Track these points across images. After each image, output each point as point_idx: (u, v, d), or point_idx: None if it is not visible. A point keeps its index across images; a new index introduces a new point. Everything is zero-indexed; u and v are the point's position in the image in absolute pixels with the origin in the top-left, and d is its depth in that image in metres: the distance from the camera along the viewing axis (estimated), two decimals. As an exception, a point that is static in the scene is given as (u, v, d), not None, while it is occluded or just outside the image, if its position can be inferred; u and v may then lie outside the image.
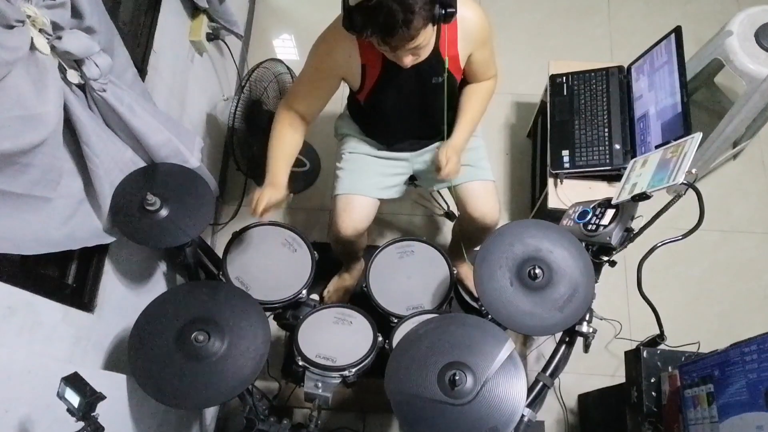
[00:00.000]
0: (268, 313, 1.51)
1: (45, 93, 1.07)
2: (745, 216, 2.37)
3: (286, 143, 1.50)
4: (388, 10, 1.10)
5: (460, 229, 1.92)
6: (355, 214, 1.65)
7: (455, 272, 1.65)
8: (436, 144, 1.70)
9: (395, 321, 1.56)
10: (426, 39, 1.22)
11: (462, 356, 1.17)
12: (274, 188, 1.43)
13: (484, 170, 1.69)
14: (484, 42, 1.44)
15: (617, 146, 1.83)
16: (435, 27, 1.25)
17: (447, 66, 1.40)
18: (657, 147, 1.57)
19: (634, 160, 1.36)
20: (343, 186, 1.68)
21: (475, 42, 1.42)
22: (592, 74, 1.98)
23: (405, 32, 1.13)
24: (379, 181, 1.71)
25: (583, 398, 2.06)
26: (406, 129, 1.66)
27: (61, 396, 0.96)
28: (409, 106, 1.54)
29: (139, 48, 1.65)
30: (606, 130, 1.87)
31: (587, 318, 1.31)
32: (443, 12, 1.18)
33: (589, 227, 1.32)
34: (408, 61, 1.27)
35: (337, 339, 1.52)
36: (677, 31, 1.74)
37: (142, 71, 1.63)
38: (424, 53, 1.31)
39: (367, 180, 1.69)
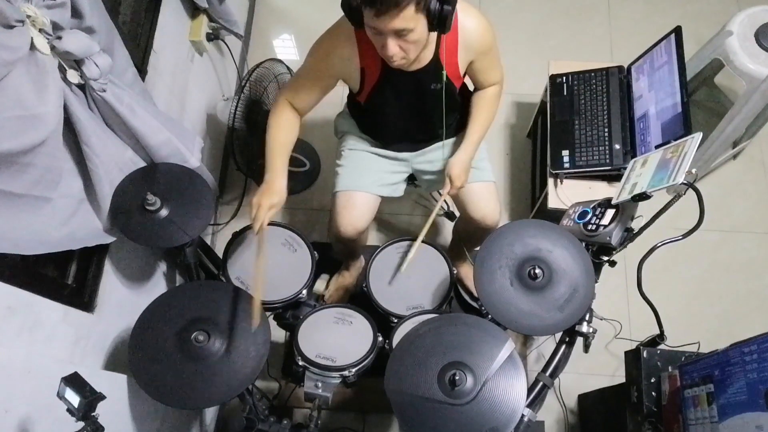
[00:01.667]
0: (268, 313, 1.51)
1: (45, 93, 1.07)
2: (745, 216, 2.37)
3: (283, 137, 1.48)
4: None
5: (461, 230, 1.92)
6: (355, 211, 1.65)
7: (455, 272, 1.65)
8: (436, 145, 1.70)
9: (395, 321, 1.56)
10: (416, 33, 1.18)
11: (462, 356, 1.17)
12: (272, 193, 1.39)
13: (484, 171, 1.68)
14: (485, 51, 1.42)
15: (617, 146, 1.83)
16: (431, 32, 1.22)
17: (445, 73, 1.39)
18: (657, 147, 1.57)
19: (634, 160, 1.36)
20: (343, 183, 1.67)
21: (475, 51, 1.41)
22: (592, 74, 1.98)
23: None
24: (380, 178, 1.70)
25: (583, 398, 2.06)
26: (405, 132, 1.66)
27: (61, 396, 0.96)
28: (408, 110, 1.54)
29: (139, 48, 1.65)
30: (606, 130, 1.87)
31: (587, 318, 1.31)
32: (439, 8, 1.15)
33: (589, 227, 1.32)
34: (393, 50, 1.21)
35: (337, 339, 1.52)
36: (677, 31, 1.74)
37: (142, 71, 1.63)
38: (413, 54, 1.26)
39: (368, 176, 1.68)
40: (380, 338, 1.53)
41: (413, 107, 1.52)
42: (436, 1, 1.15)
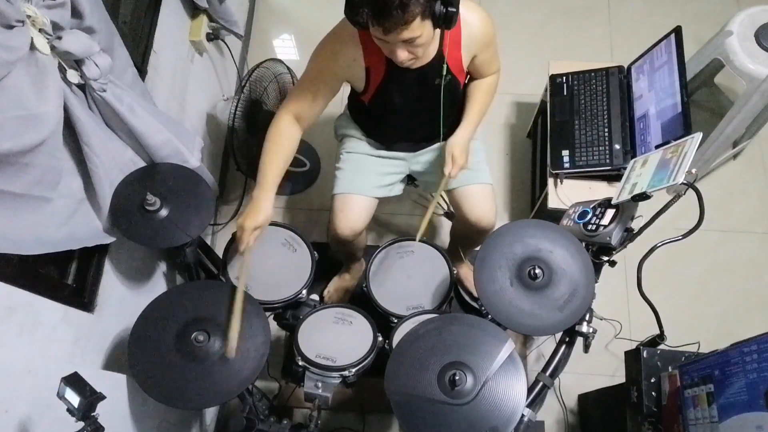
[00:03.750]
0: (268, 313, 1.51)
1: (45, 93, 1.07)
2: (745, 216, 2.37)
3: (278, 152, 1.43)
4: None
5: (458, 231, 1.91)
6: (352, 213, 1.65)
7: (455, 272, 1.65)
8: (435, 146, 1.70)
9: (395, 321, 1.56)
10: (424, 37, 1.19)
11: (462, 356, 1.17)
12: (257, 213, 1.35)
13: (481, 173, 1.68)
14: (487, 44, 1.44)
15: (617, 146, 1.83)
16: (435, 29, 1.23)
17: (448, 68, 1.39)
18: (657, 147, 1.57)
19: (634, 160, 1.36)
20: (341, 185, 1.68)
21: (478, 45, 1.42)
22: (592, 74, 1.98)
23: (399, 15, 1.11)
24: (377, 180, 1.71)
25: (583, 398, 2.06)
26: (409, 130, 1.66)
27: (61, 396, 0.96)
28: (413, 107, 1.53)
29: (139, 48, 1.65)
30: (606, 130, 1.87)
31: (587, 318, 1.31)
32: (444, 11, 1.17)
33: (589, 227, 1.32)
34: (403, 56, 1.23)
35: (337, 339, 1.52)
36: (677, 31, 1.74)
37: (142, 71, 1.63)
38: (421, 54, 1.27)
39: (365, 179, 1.68)
40: (380, 338, 1.53)
41: (417, 104, 1.52)
42: (440, 4, 1.16)
